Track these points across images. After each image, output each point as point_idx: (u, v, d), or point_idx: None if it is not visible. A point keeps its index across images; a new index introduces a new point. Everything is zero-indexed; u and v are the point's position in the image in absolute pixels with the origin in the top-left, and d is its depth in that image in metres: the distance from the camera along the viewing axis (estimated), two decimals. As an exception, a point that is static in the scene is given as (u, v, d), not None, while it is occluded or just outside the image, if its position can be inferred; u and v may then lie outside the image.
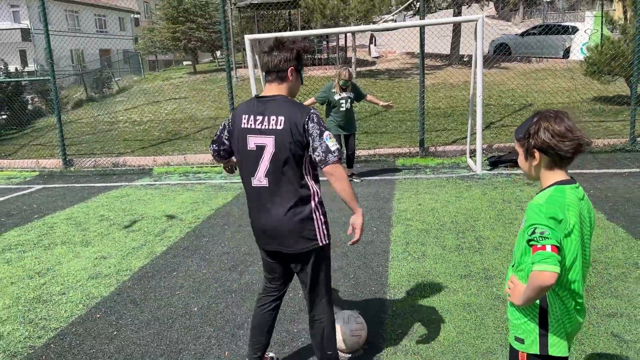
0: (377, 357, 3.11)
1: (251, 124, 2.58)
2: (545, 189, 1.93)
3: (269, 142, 2.53)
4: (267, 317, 2.87)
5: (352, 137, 7.51)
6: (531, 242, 1.80)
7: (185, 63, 33.13)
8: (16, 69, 17.24)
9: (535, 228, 1.80)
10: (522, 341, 1.97)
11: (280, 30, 22.93)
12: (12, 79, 14.42)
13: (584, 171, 7.37)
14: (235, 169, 3.06)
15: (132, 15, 47.95)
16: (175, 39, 22.49)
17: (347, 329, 3.08)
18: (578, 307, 1.96)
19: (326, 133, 2.52)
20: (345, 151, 7.55)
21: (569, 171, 1.96)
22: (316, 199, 2.61)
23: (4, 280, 4.61)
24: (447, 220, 5.56)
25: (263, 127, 2.54)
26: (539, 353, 1.93)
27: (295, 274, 2.80)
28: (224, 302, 3.98)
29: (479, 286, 3.97)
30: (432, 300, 3.79)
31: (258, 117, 2.56)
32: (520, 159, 2.02)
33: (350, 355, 3.13)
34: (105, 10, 43.70)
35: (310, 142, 2.51)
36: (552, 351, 1.92)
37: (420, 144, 9.14)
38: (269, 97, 2.60)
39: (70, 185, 8.73)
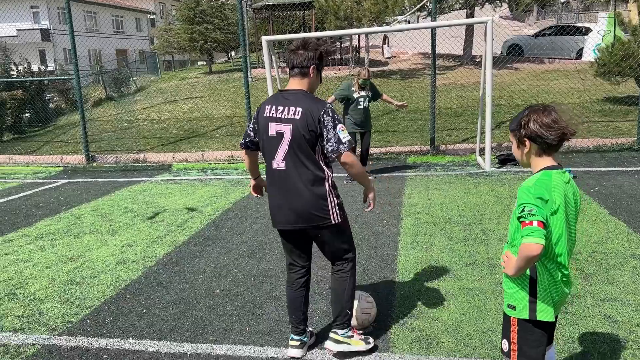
0: (385, 333, 3.38)
1: (273, 113, 2.91)
2: (535, 173, 2.19)
3: (287, 129, 2.86)
4: (299, 294, 3.17)
5: (367, 135, 7.77)
6: (521, 219, 2.06)
7: (199, 63, 33.62)
8: (39, 68, 17.74)
9: (525, 207, 2.06)
10: (514, 308, 2.23)
11: (294, 31, 23.24)
12: (37, 78, 14.87)
13: (592, 169, 7.56)
14: (263, 193, 3.39)
15: (148, 16, 48.64)
16: (192, 40, 22.92)
17: (358, 306, 3.35)
18: (564, 279, 2.21)
19: (339, 126, 2.84)
20: (359, 148, 7.83)
21: (581, 169, 2.21)
22: (330, 182, 2.94)
23: (40, 265, 4.95)
24: (455, 214, 5.81)
25: (283, 116, 2.88)
26: (528, 318, 2.19)
27: (312, 247, 3.15)
28: (244, 285, 4.27)
29: (483, 273, 4.22)
30: (438, 285, 4.05)
31: (279, 107, 2.90)
32: (514, 148, 2.28)
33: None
34: (123, 11, 44.39)
35: (325, 133, 2.84)
36: (540, 316, 2.18)
37: (431, 142, 9.38)
38: (291, 90, 2.95)
39: (93, 180, 9.11)
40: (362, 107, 7.50)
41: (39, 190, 8.37)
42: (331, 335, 3.14)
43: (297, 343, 3.18)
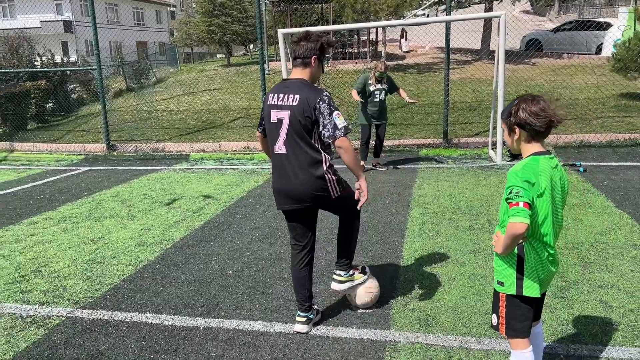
0: (387, 313, 3.56)
1: (274, 101, 3.15)
2: (524, 159, 2.34)
3: (285, 115, 3.09)
4: (303, 272, 3.37)
5: (382, 127, 7.91)
6: (508, 200, 2.22)
7: (218, 56, 33.93)
8: (61, 59, 18.15)
9: (512, 189, 2.22)
10: (502, 284, 2.39)
11: (312, 24, 23.36)
12: (61, 69, 15.26)
13: (603, 163, 7.62)
14: None
15: (168, 9, 49.11)
16: (211, 32, 23.19)
17: (361, 286, 3.53)
18: (550, 258, 2.36)
19: (335, 112, 3.03)
20: (374, 140, 7.99)
21: (592, 164, 2.35)
22: (327, 163, 3.15)
23: (63, 245, 5.21)
24: (462, 205, 5.95)
25: (282, 103, 3.10)
26: (515, 293, 2.35)
27: (314, 227, 3.38)
28: (255, 267, 4.48)
29: (485, 260, 4.36)
30: (441, 270, 4.21)
31: (280, 95, 3.13)
32: (505, 135, 2.44)
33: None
34: (143, 3, 44.90)
35: (321, 119, 3.03)
36: (526, 292, 2.33)
37: (443, 135, 9.48)
38: (293, 79, 3.18)
39: (113, 167, 9.40)
40: (378, 99, 7.65)
41: (61, 177, 8.69)
42: (335, 277, 3.50)
43: (304, 319, 3.37)
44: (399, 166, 8.23)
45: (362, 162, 7.95)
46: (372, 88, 7.61)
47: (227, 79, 18.47)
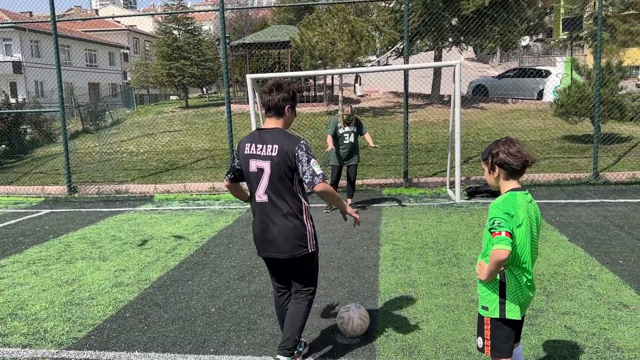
0: (371, 344, 3.73)
1: (252, 151, 3.24)
2: (503, 194, 2.64)
3: (266, 165, 3.19)
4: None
5: (352, 168, 8.18)
6: (491, 230, 2.50)
7: (172, 97, 33.96)
8: (17, 100, 17.81)
9: (495, 220, 2.50)
10: (487, 309, 2.64)
11: (269, 68, 23.93)
12: (25, 110, 14.97)
13: (553, 201, 8.16)
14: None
15: (121, 51, 48.97)
16: (170, 75, 23.34)
17: (358, 313, 3.76)
18: (529, 284, 2.64)
19: (312, 160, 3.17)
20: (345, 180, 8.26)
21: (543, 201, 2.66)
22: (307, 212, 3.28)
23: (36, 288, 5.14)
24: (429, 241, 6.26)
25: (261, 154, 3.20)
26: (499, 317, 2.60)
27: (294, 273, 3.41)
28: (237, 304, 4.57)
29: (457, 292, 4.63)
30: (417, 302, 4.44)
31: (258, 145, 3.23)
32: (485, 174, 2.74)
33: (348, 342, 3.75)
34: (96, 45, 44.64)
35: (300, 167, 3.15)
36: (509, 315, 2.59)
37: (404, 175, 9.90)
38: (268, 129, 3.28)
39: (76, 209, 9.26)
40: (347, 141, 7.96)
41: (23, 220, 8.49)
42: None
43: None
44: (364, 205, 8.53)
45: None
46: (341, 131, 7.93)
47: (186, 120, 18.55)
